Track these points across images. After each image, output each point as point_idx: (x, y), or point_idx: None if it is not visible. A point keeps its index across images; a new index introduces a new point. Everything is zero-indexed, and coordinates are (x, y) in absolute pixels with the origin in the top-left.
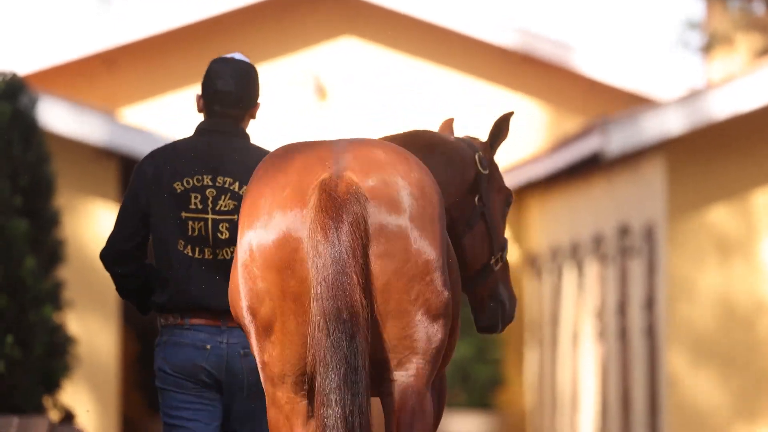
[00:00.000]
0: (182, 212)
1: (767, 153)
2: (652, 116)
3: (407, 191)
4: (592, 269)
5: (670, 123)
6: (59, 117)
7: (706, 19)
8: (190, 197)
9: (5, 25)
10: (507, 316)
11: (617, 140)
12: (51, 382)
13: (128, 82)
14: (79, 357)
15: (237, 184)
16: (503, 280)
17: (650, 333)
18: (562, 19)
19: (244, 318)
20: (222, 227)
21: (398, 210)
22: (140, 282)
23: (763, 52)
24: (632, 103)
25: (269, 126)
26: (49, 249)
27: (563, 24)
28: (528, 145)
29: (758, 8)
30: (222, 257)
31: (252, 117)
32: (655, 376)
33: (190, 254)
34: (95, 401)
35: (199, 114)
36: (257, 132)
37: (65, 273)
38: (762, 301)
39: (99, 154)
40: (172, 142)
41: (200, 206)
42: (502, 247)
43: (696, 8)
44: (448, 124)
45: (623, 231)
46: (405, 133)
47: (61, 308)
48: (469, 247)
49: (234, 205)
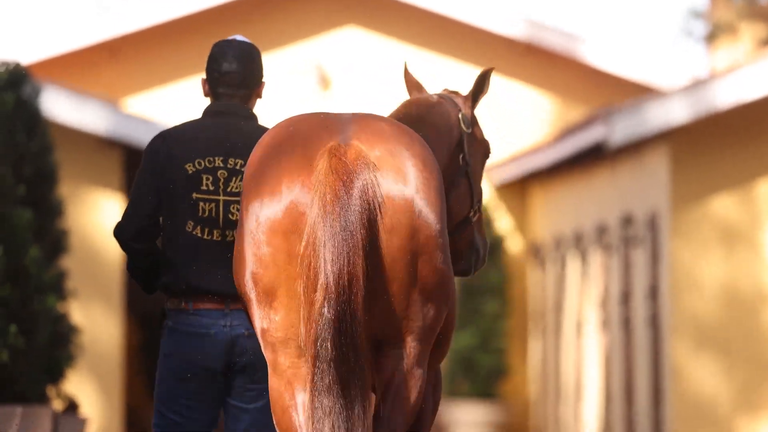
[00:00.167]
0: (194, 193)
1: None
2: (656, 106)
3: (411, 162)
4: (596, 259)
5: (674, 112)
6: (63, 106)
7: (710, 9)
8: (202, 178)
9: (8, 15)
10: (480, 261)
11: (621, 130)
12: (55, 372)
13: (132, 72)
14: (83, 346)
15: None
16: (478, 229)
17: (654, 322)
18: (567, 10)
19: (247, 285)
20: (233, 208)
21: (404, 181)
22: (152, 260)
23: (767, 42)
24: (637, 93)
25: (272, 115)
26: (53, 238)
27: (567, 14)
28: (534, 135)
29: None
30: (231, 239)
31: (258, 96)
32: (659, 366)
33: (199, 235)
34: (99, 390)
35: (206, 99)
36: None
37: (69, 262)
38: (765, 291)
39: (102, 144)
40: (182, 124)
41: (212, 188)
42: (480, 199)
43: None
44: (411, 81)
45: (627, 220)
46: (393, 113)
47: (65, 298)
48: (454, 205)
49: None
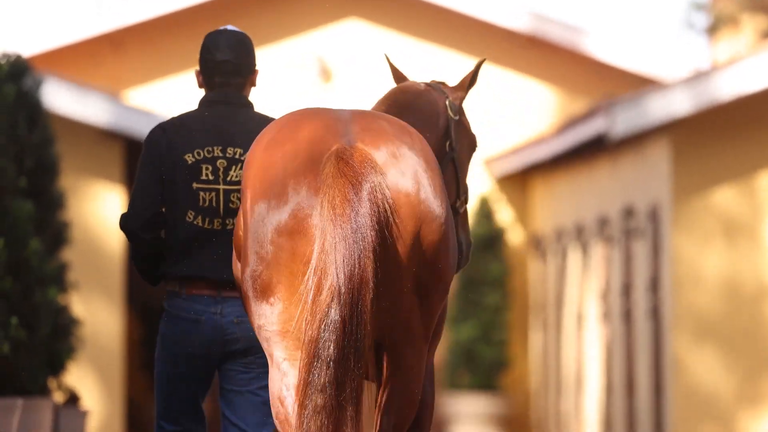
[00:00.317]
0: (194, 183)
1: None
2: (658, 97)
3: (415, 161)
4: (597, 251)
5: (676, 104)
6: (64, 99)
7: (712, 1)
8: (201, 168)
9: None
10: (463, 259)
11: (622, 122)
12: (56, 364)
13: (133, 64)
14: (84, 339)
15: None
16: (462, 226)
17: (655, 315)
18: (568, 2)
19: (246, 282)
20: (233, 197)
21: (411, 182)
22: (158, 250)
23: None
24: (639, 85)
25: (273, 108)
26: (54, 231)
27: (569, 6)
28: (536, 127)
29: None
30: (231, 227)
31: (252, 84)
32: (660, 358)
33: (200, 224)
34: (100, 383)
35: (201, 90)
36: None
37: (70, 255)
38: (767, 283)
39: (104, 136)
40: (180, 115)
41: (211, 177)
42: (465, 191)
43: None
44: (396, 72)
45: (628, 212)
46: (382, 100)
47: (66, 290)
48: None
49: None
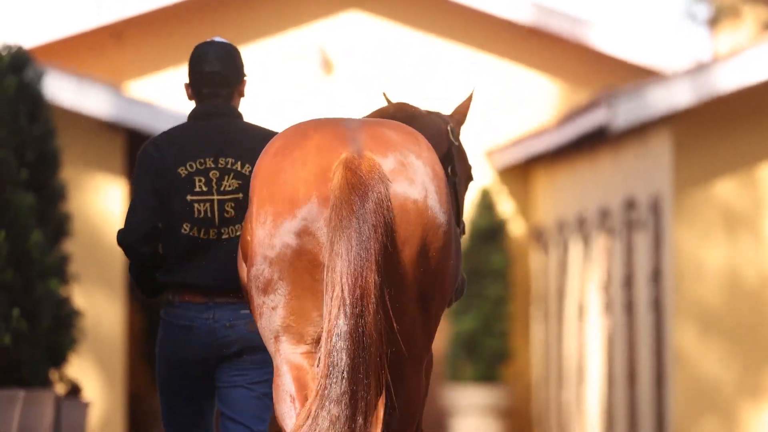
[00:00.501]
0: (188, 196)
1: None
2: (659, 89)
3: (423, 171)
4: (599, 242)
5: (677, 96)
6: (65, 90)
7: None
8: (195, 180)
9: None
10: (458, 291)
11: (624, 113)
12: (57, 356)
13: (135, 56)
14: (86, 331)
15: (239, 164)
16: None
17: (656, 306)
18: None
19: (251, 282)
20: (228, 206)
21: (418, 191)
22: (156, 263)
23: None
24: (640, 77)
25: (275, 100)
26: (56, 222)
27: None
28: (537, 119)
29: None
30: (227, 236)
31: (241, 95)
32: (662, 349)
33: (195, 235)
34: (101, 374)
35: (191, 102)
36: (262, 106)
37: (71, 246)
38: None
39: (105, 128)
40: (170, 129)
41: (205, 188)
42: (462, 222)
43: None
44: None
45: (630, 204)
46: (387, 107)
47: (68, 282)
48: None
49: (238, 185)
